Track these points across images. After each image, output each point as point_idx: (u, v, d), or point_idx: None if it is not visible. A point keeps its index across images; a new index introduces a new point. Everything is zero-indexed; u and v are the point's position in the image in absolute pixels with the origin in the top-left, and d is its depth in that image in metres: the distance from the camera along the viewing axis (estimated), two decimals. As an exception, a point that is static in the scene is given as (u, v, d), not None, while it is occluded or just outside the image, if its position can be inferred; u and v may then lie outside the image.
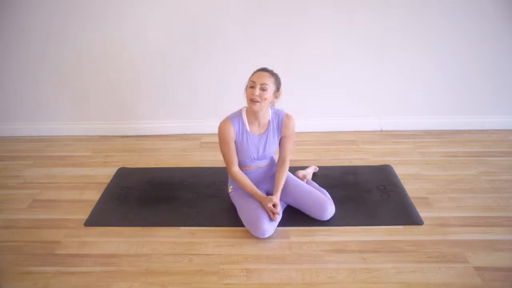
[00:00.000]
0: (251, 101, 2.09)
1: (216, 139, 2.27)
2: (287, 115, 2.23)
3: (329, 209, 2.24)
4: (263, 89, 2.07)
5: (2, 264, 2.02)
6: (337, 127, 3.41)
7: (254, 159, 2.26)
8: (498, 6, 2.99)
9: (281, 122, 2.23)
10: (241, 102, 2.24)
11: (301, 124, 3.46)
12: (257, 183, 2.33)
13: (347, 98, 3.33)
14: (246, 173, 2.31)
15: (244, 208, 2.22)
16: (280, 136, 2.26)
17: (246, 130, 2.19)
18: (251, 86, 2.09)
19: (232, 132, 2.16)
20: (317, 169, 2.76)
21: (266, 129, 2.22)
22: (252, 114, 2.17)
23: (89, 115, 3.43)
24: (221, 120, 2.22)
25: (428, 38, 3.11)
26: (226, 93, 3.25)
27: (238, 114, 2.21)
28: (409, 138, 3.25)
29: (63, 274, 1.95)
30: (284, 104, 2.29)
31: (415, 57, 3.18)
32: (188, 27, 3.10)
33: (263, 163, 2.34)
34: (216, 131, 2.23)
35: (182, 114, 3.41)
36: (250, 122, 2.19)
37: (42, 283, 1.90)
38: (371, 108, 3.37)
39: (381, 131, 3.41)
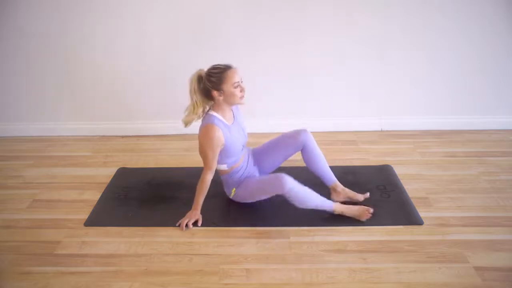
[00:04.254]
0: (241, 98, 2.19)
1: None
2: None
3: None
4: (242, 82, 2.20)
5: (2, 264, 2.02)
6: (337, 127, 3.41)
7: (243, 146, 2.35)
8: (499, 6, 2.99)
9: (237, 106, 2.35)
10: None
11: (301, 124, 3.45)
12: (251, 175, 2.39)
13: (347, 98, 3.33)
14: (240, 170, 2.34)
15: (259, 184, 2.27)
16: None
17: (227, 125, 2.23)
18: (236, 86, 2.14)
19: (222, 137, 2.19)
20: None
21: (234, 115, 2.32)
22: (226, 108, 2.24)
23: (89, 115, 3.43)
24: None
25: (428, 38, 3.11)
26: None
27: (212, 117, 2.21)
28: (409, 138, 3.25)
29: (63, 274, 1.95)
30: (284, 103, 2.29)
31: (416, 57, 3.18)
32: (188, 27, 3.10)
33: (244, 150, 2.40)
34: None
35: (182, 114, 3.40)
36: (224, 117, 2.25)
37: (42, 283, 1.90)
38: (371, 108, 3.37)
39: (381, 131, 3.41)
